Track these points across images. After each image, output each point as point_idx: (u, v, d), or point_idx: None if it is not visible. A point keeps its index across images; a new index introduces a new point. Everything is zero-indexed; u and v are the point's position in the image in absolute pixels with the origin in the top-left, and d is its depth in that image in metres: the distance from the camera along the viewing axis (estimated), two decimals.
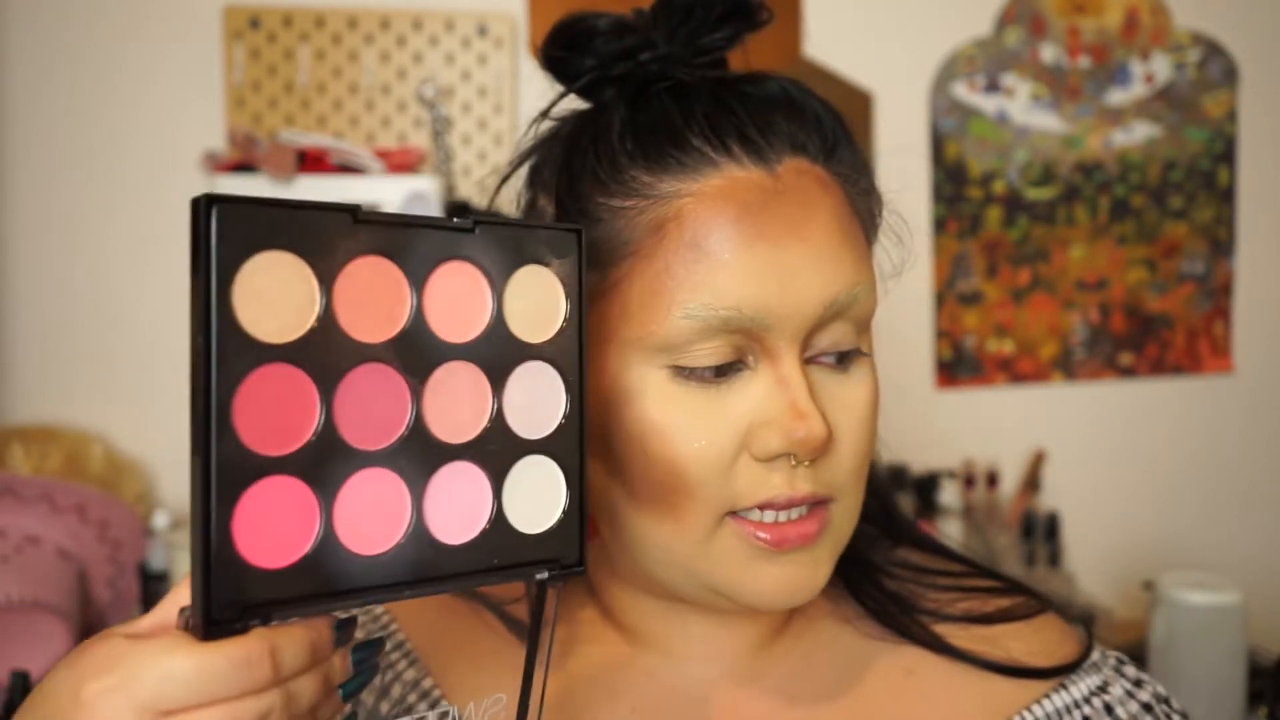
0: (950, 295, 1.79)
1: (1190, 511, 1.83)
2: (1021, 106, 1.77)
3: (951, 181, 1.77)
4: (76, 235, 1.68)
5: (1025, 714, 0.60)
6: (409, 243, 0.44)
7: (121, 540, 1.53)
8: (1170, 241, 1.81)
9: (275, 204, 0.40)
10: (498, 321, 0.46)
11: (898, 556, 0.66)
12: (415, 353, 0.44)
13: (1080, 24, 1.78)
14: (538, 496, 0.47)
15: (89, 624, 1.48)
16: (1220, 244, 1.82)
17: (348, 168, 1.60)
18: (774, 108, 0.57)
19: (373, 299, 0.42)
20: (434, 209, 1.57)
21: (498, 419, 0.46)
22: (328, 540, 0.41)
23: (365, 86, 1.67)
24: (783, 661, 0.62)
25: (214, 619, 0.38)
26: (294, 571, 0.40)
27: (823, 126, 0.58)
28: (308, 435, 0.41)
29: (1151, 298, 1.81)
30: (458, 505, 0.44)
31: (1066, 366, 1.81)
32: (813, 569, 0.55)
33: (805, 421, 0.52)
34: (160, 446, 1.70)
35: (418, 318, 0.44)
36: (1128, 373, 1.82)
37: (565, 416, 0.48)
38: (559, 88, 0.63)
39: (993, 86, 1.77)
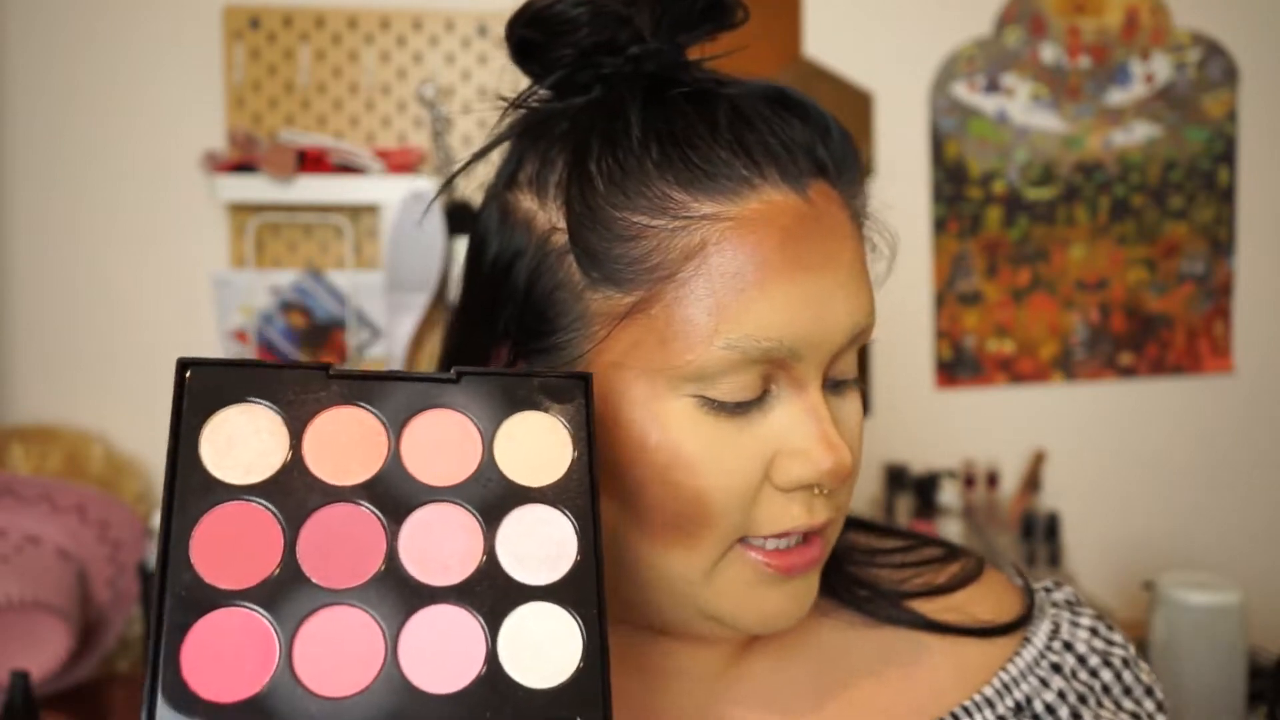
0: (950, 295, 1.79)
1: (1190, 511, 1.83)
2: (1021, 106, 1.77)
3: (951, 181, 1.77)
4: (76, 235, 1.68)
5: (1001, 674, 0.62)
6: (385, 393, 0.45)
7: (121, 540, 1.53)
8: (1170, 241, 1.81)
9: (249, 364, 0.43)
10: (489, 465, 0.45)
11: (847, 540, 0.66)
12: (392, 495, 0.43)
13: (1080, 24, 1.78)
14: (545, 647, 0.42)
15: (89, 624, 1.48)
16: (1220, 244, 1.82)
17: (348, 168, 1.60)
18: (788, 116, 0.55)
19: (345, 444, 0.43)
20: (434, 209, 1.57)
21: (490, 562, 0.43)
22: (284, 678, 0.39)
23: (365, 86, 1.67)
24: (759, 665, 0.62)
25: None
26: (247, 707, 0.39)
27: (832, 138, 0.56)
28: (270, 570, 0.41)
29: (1151, 298, 1.81)
30: (442, 651, 0.41)
31: (1066, 366, 1.81)
32: (809, 589, 0.56)
33: (836, 453, 0.52)
34: (160, 446, 1.69)
35: (395, 462, 0.44)
36: (1128, 373, 1.82)
37: (577, 562, 0.44)
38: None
39: (993, 86, 1.77)
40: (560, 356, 0.54)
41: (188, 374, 0.43)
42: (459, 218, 1.61)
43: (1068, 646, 0.64)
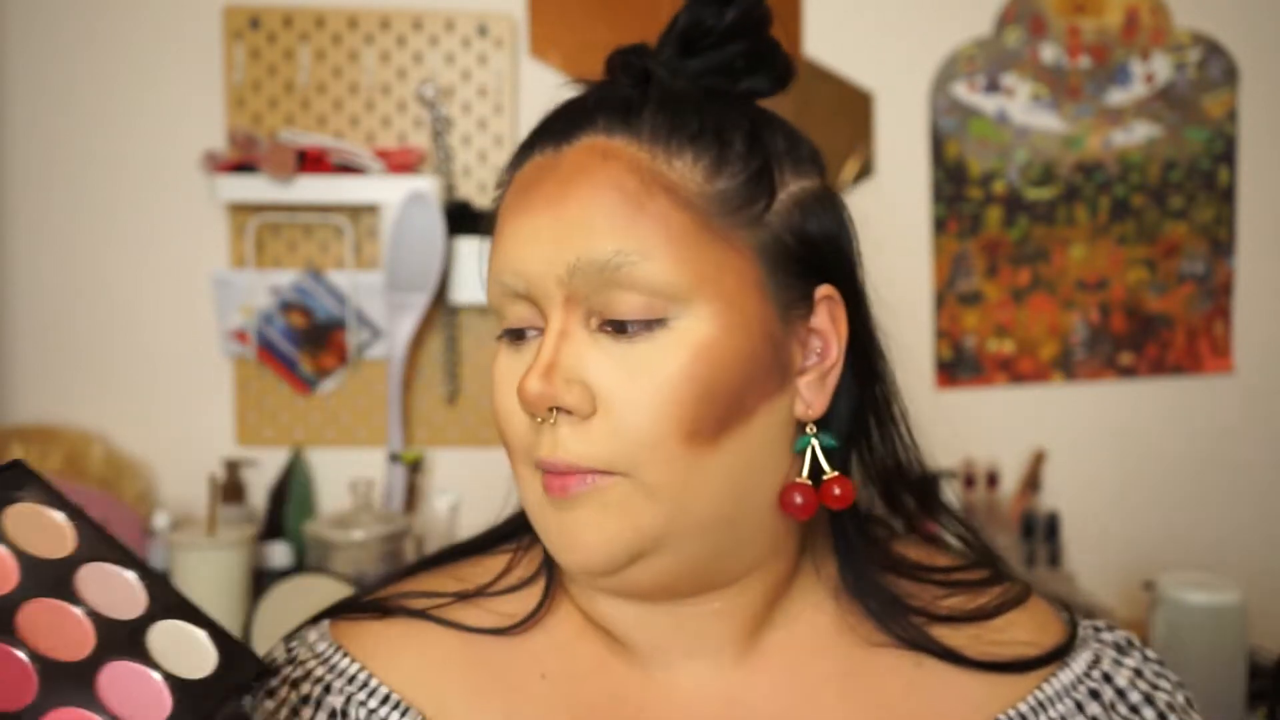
0: (950, 295, 1.79)
1: (1190, 511, 1.83)
2: (1021, 106, 1.77)
3: (951, 181, 1.77)
4: (76, 235, 1.68)
5: (1036, 692, 0.62)
6: None
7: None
8: (1170, 241, 1.81)
9: None
10: (24, 558, 0.50)
11: (896, 553, 0.66)
12: None
13: (1080, 24, 1.78)
14: (186, 648, 0.50)
15: None
16: (1220, 244, 1.82)
17: (348, 168, 1.60)
18: (617, 94, 0.60)
19: None
20: (434, 209, 1.57)
21: (97, 618, 0.49)
22: None
23: (365, 86, 1.67)
24: (777, 660, 0.62)
25: None
26: None
27: (636, 100, 0.59)
28: None
29: (1151, 298, 1.81)
30: (137, 695, 0.47)
31: (1066, 366, 1.81)
32: (591, 531, 0.56)
33: (524, 378, 0.55)
34: (160, 446, 1.70)
35: None
36: (1128, 373, 1.82)
37: (143, 584, 0.51)
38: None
39: (993, 86, 1.77)
40: None
41: None
42: (459, 218, 1.61)
43: (1108, 678, 0.64)
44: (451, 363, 1.69)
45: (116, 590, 0.51)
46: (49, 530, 0.52)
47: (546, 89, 0.66)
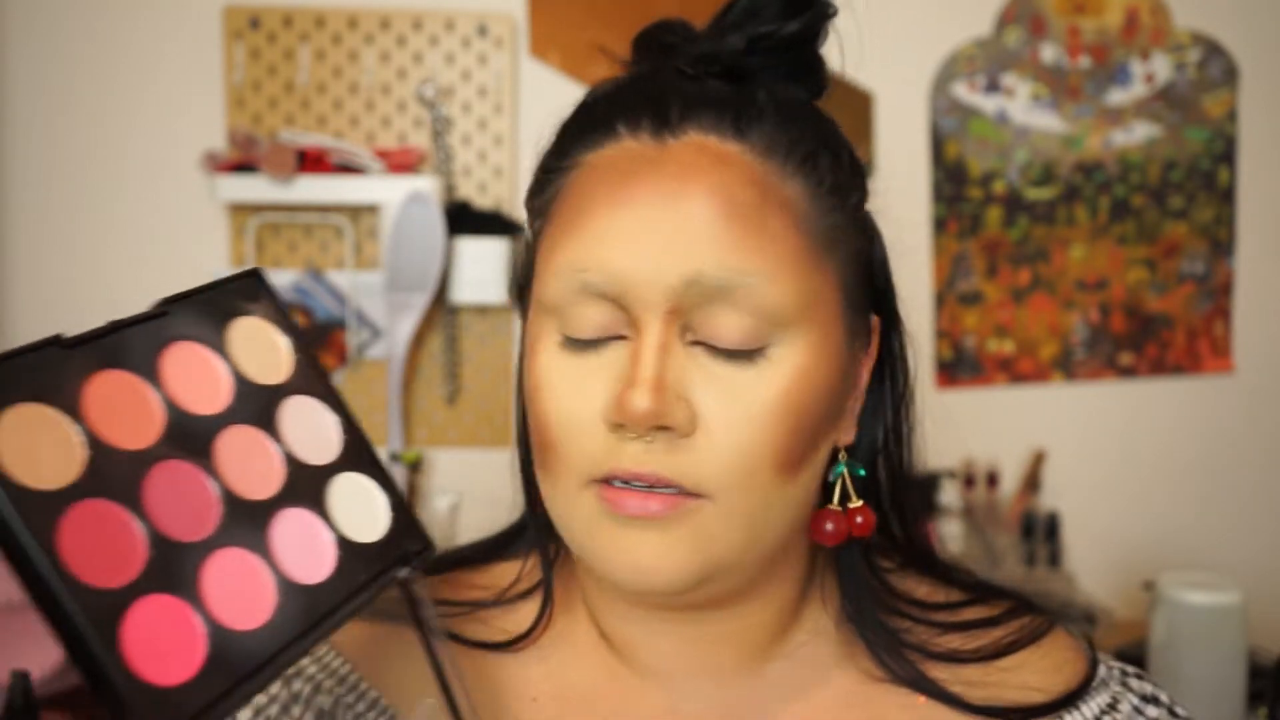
0: (950, 295, 1.79)
1: (1190, 511, 1.83)
2: (1021, 106, 1.77)
3: (951, 181, 1.77)
4: (76, 235, 1.68)
5: None
6: (122, 346, 0.45)
7: None
8: (1170, 241, 1.81)
9: None
10: (239, 379, 0.48)
11: (897, 588, 0.64)
12: (188, 438, 0.45)
13: (1080, 24, 1.78)
14: (362, 508, 0.49)
15: None
16: (1220, 244, 1.82)
17: (348, 168, 1.60)
18: (717, 92, 0.56)
19: (123, 409, 0.43)
20: (434, 209, 1.57)
21: (290, 460, 0.48)
22: (218, 631, 0.42)
23: (365, 86, 1.67)
24: (778, 685, 0.61)
25: None
26: (207, 672, 0.41)
27: (747, 106, 0.56)
28: (143, 553, 0.41)
29: (1151, 298, 1.81)
30: (304, 548, 0.46)
31: (1066, 366, 1.81)
32: (660, 553, 0.53)
33: (632, 390, 0.51)
34: None
35: (171, 407, 0.45)
36: (1128, 373, 1.82)
37: (344, 431, 0.50)
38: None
39: (993, 86, 1.77)
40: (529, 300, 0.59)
41: None
42: (459, 218, 1.61)
43: None
44: (451, 363, 1.69)
45: (315, 430, 0.49)
46: (268, 352, 0.49)
47: (547, 89, 0.65)
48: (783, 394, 0.53)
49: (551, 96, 0.65)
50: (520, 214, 1.71)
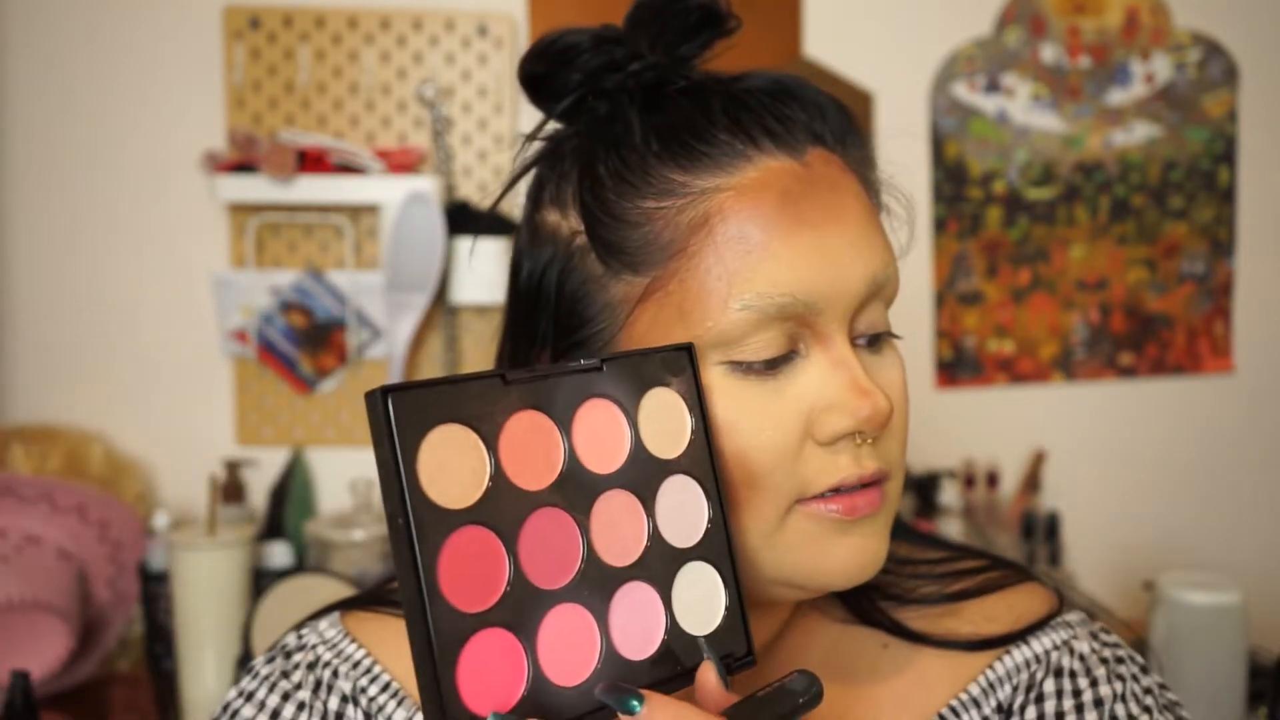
0: (950, 295, 1.79)
1: (1190, 511, 1.83)
2: (1021, 106, 1.77)
3: (951, 181, 1.77)
4: (76, 235, 1.68)
5: (988, 672, 0.62)
6: (551, 392, 0.47)
7: (121, 540, 1.53)
8: (1170, 241, 1.81)
9: (438, 383, 0.44)
10: (638, 446, 0.49)
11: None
12: (576, 490, 0.47)
13: (1080, 24, 1.78)
14: (701, 599, 0.50)
15: (89, 624, 1.48)
16: (1220, 244, 1.82)
17: (348, 168, 1.60)
18: (784, 100, 0.58)
19: (531, 450, 0.46)
20: (434, 209, 1.57)
21: (655, 536, 0.49)
22: (538, 679, 0.44)
23: (365, 86, 1.67)
24: (777, 655, 0.63)
25: None
26: (517, 712, 0.43)
27: (829, 115, 0.59)
28: (503, 587, 0.44)
29: (1151, 298, 1.81)
30: (637, 623, 0.48)
31: (1066, 366, 1.81)
32: (879, 540, 0.56)
33: (870, 398, 0.53)
34: (160, 446, 1.69)
35: (571, 458, 0.47)
36: (1128, 373, 1.82)
37: (710, 521, 0.51)
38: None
39: (993, 86, 1.77)
40: (592, 347, 0.57)
41: (390, 402, 0.43)
42: (459, 218, 1.61)
43: (1071, 650, 0.63)
44: (451, 363, 1.69)
45: (686, 512, 0.50)
46: (672, 426, 0.51)
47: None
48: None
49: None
50: (519, 214, 1.71)
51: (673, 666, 0.48)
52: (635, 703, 0.44)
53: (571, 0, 1.69)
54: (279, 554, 1.51)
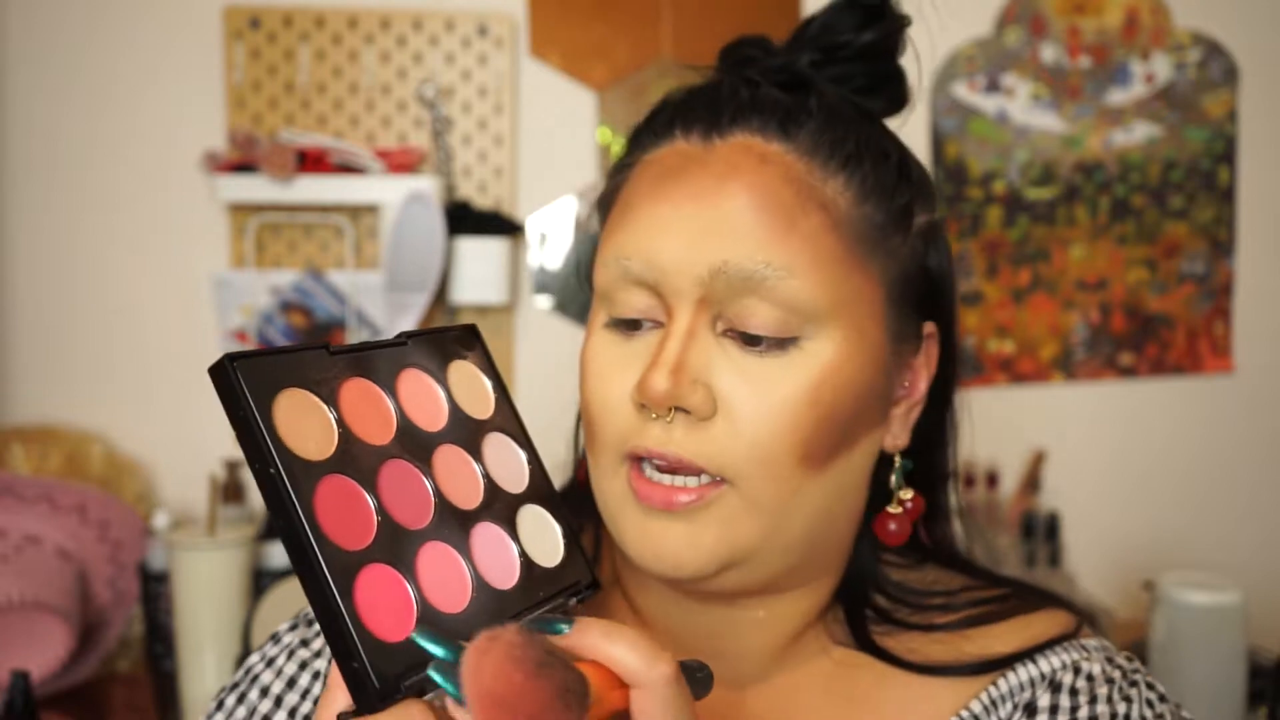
0: None
1: (1190, 511, 1.83)
2: (1021, 106, 1.77)
3: (951, 181, 1.77)
4: (76, 235, 1.68)
5: (990, 689, 0.61)
6: (373, 361, 0.52)
7: (121, 540, 1.53)
8: (1170, 241, 1.81)
9: (274, 351, 0.48)
10: (455, 408, 0.55)
11: (906, 582, 0.66)
12: (414, 444, 0.52)
13: (1080, 24, 1.78)
14: (543, 537, 0.55)
15: (89, 624, 1.48)
16: (1220, 244, 1.82)
17: (348, 168, 1.60)
18: (770, 97, 0.59)
19: (367, 411, 0.51)
20: (434, 209, 1.57)
21: (489, 482, 0.54)
22: (426, 607, 0.47)
23: (365, 86, 1.67)
24: (781, 673, 0.63)
25: (383, 693, 0.43)
26: (420, 637, 0.45)
27: (795, 108, 0.58)
28: (374, 528, 0.47)
29: (1151, 298, 1.81)
30: (496, 557, 0.52)
31: (1067, 366, 1.81)
32: (686, 543, 0.55)
33: (651, 371, 0.54)
34: (160, 446, 1.69)
35: (403, 417, 0.52)
36: (1128, 373, 1.82)
37: (530, 468, 0.56)
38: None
39: (993, 86, 1.77)
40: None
41: (237, 368, 0.46)
42: (459, 218, 1.61)
43: (1076, 670, 0.61)
44: None
45: (509, 463, 0.56)
46: (477, 393, 0.57)
47: (547, 89, 0.67)
48: (810, 386, 0.54)
49: (551, 96, 0.66)
50: (520, 214, 1.71)
51: (533, 594, 0.52)
52: (563, 626, 0.45)
53: (572, 1, 1.69)
54: (279, 554, 1.51)
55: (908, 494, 0.62)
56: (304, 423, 0.47)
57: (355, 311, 1.64)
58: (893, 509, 0.61)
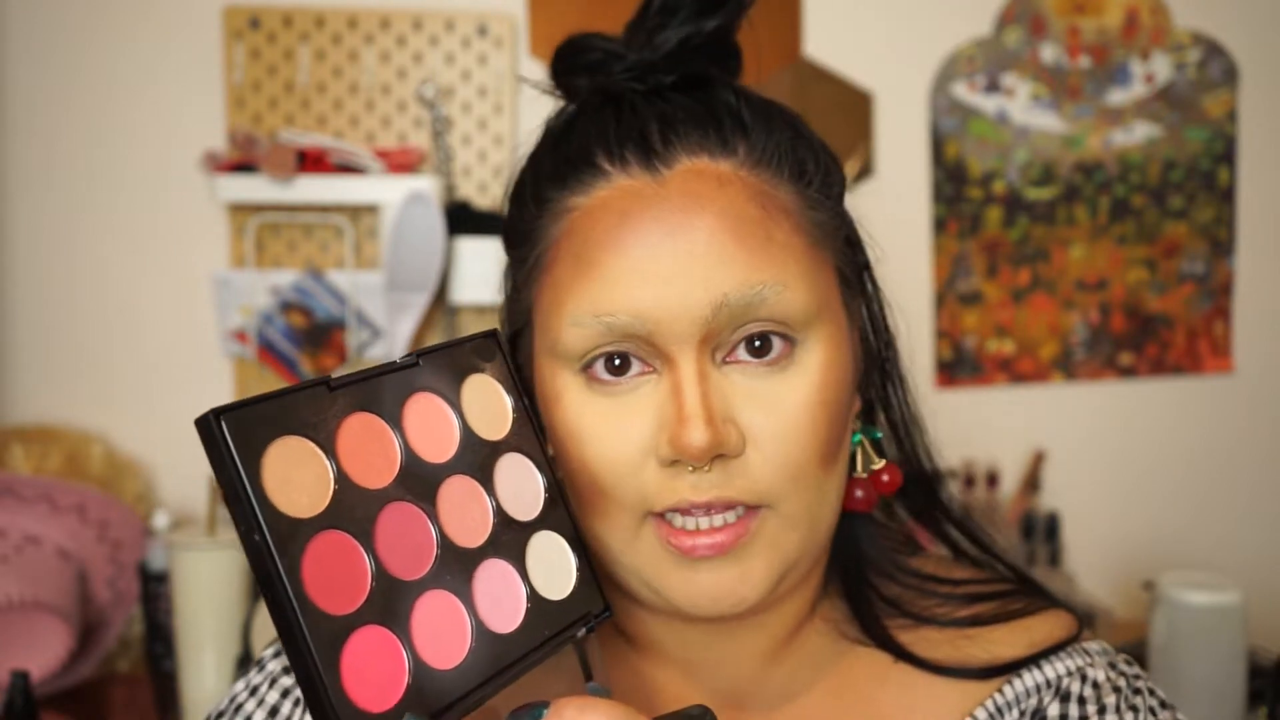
0: (950, 295, 1.79)
1: (1190, 511, 1.83)
2: (1021, 106, 1.77)
3: (951, 181, 1.77)
4: (76, 235, 1.68)
5: (996, 696, 0.60)
6: (377, 392, 0.49)
7: (121, 540, 1.53)
8: (1170, 241, 1.81)
9: (266, 399, 0.44)
10: (467, 432, 0.51)
11: (898, 561, 0.66)
12: (418, 482, 0.48)
13: (1080, 24, 1.78)
14: (554, 566, 0.52)
15: (89, 624, 1.48)
16: (1220, 244, 1.82)
17: (348, 168, 1.60)
18: (690, 109, 0.57)
19: (368, 450, 0.47)
20: (434, 209, 1.57)
21: (499, 513, 0.51)
22: (419, 668, 0.45)
23: (365, 86, 1.67)
24: (779, 671, 0.63)
25: None
26: (404, 704, 0.44)
27: (726, 120, 0.57)
28: (368, 585, 0.45)
29: (1151, 298, 1.81)
30: (500, 598, 0.49)
31: (1066, 366, 1.81)
32: (739, 579, 0.54)
33: (687, 426, 0.52)
34: (160, 446, 1.69)
35: (408, 452, 0.49)
36: (1128, 373, 1.82)
37: (547, 491, 0.53)
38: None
39: (993, 86, 1.77)
40: (525, 355, 0.60)
41: (224, 424, 0.43)
42: (459, 218, 1.61)
43: (1083, 677, 0.60)
44: None
45: (523, 487, 0.52)
46: (494, 409, 0.53)
47: (546, 89, 0.66)
48: (815, 392, 0.55)
49: (551, 97, 0.65)
50: None
51: (540, 633, 0.50)
52: (541, 710, 0.44)
53: (571, 0, 1.69)
54: None
55: (879, 463, 0.63)
56: (296, 475, 0.44)
57: (355, 311, 1.64)
58: (859, 474, 0.62)
